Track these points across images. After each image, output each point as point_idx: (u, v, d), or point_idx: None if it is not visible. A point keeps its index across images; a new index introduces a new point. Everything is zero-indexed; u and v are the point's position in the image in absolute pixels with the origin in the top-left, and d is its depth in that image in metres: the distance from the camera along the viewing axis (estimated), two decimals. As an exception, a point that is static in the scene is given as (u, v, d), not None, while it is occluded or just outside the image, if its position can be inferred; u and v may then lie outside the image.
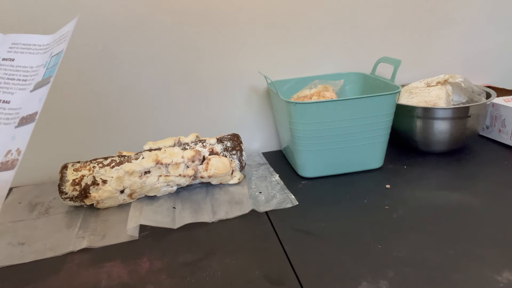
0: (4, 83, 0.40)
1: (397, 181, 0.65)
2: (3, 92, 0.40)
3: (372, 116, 0.64)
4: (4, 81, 0.41)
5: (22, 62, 0.42)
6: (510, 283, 0.41)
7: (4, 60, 0.42)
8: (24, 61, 0.42)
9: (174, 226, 0.56)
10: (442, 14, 0.85)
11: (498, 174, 0.65)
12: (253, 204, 0.60)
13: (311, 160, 0.67)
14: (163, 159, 0.63)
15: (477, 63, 0.91)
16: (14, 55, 0.43)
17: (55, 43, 0.42)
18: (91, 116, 0.74)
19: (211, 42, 0.75)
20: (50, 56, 0.41)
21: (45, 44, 0.43)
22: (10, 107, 0.39)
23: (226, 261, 0.49)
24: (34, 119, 0.37)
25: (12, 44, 0.44)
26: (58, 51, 0.41)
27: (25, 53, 0.43)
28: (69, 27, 0.42)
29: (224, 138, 0.69)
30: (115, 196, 0.62)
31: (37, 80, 0.40)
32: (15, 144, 0.36)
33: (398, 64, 0.68)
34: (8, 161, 0.35)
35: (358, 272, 0.45)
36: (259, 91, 0.81)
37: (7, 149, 0.36)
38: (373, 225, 0.53)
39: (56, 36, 0.43)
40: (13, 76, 0.41)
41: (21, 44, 0.43)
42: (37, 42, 0.44)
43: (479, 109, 0.70)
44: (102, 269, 0.49)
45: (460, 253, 0.47)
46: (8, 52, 0.43)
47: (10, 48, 0.43)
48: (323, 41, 0.81)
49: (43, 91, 0.38)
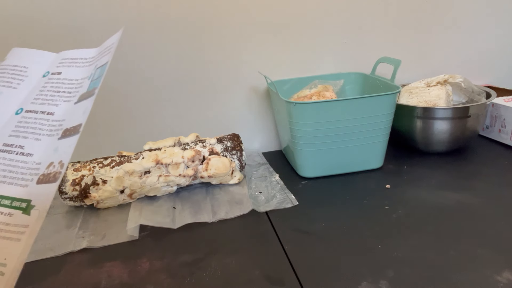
0: (50, 95, 0.41)
1: (397, 181, 0.65)
2: (48, 104, 0.40)
3: (372, 116, 0.64)
4: (50, 94, 0.41)
5: (68, 75, 0.43)
6: (510, 283, 0.41)
7: (53, 74, 0.43)
8: (70, 74, 0.43)
9: (174, 226, 0.56)
10: (442, 14, 0.85)
11: (498, 174, 0.65)
12: (253, 204, 0.60)
13: (311, 160, 0.67)
14: (163, 159, 0.63)
15: (477, 63, 0.91)
16: (62, 69, 0.43)
17: (99, 55, 0.43)
18: (91, 116, 0.74)
19: (211, 42, 0.75)
20: (95, 68, 0.42)
21: (91, 57, 0.44)
22: (53, 119, 0.39)
23: (226, 261, 0.49)
24: (78, 131, 0.36)
25: (62, 59, 0.45)
26: (103, 63, 0.41)
27: (72, 66, 0.44)
28: (114, 39, 0.42)
29: (224, 138, 0.69)
30: (115, 196, 0.62)
31: (82, 92, 0.40)
32: (58, 156, 0.36)
33: (398, 64, 0.68)
34: (50, 173, 0.34)
35: (358, 272, 0.45)
36: (259, 91, 0.81)
37: (49, 161, 0.35)
38: (373, 225, 0.53)
39: (101, 48, 0.43)
40: (58, 89, 0.41)
41: (68, 59, 0.44)
42: (83, 55, 0.44)
43: (479, 109, 0.70)
44: (102, 269, 0.49)
45: (460, 253, 0.47)
46: (57, 67, 0.44)
47: (59, 63, 0.44)
48: (323, 41, 0.81)
49: (87, 103, 0.38)
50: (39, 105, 0.40)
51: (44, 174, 0.35)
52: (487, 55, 0.91)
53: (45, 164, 0.35)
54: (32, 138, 0.38)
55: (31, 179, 0.35)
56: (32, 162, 0.36)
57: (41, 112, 0.40)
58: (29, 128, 0.39)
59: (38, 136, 0.38)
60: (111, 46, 0.41)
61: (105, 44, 0.43)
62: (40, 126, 0.39)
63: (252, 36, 0.77)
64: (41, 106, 0.40)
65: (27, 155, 0.37)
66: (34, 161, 0.36)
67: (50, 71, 0.43)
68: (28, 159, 0.37)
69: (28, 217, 0.33)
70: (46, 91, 0.42)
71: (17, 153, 0.37)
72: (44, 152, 0.37)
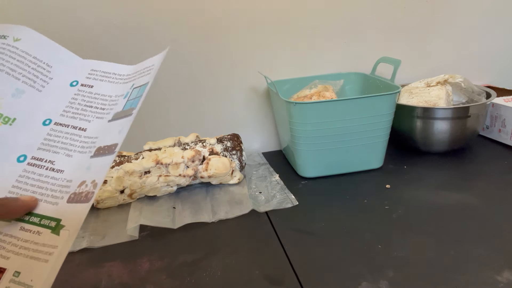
0: (82, 109, 0.39)
1: (397, 181, 0.65)
2: (80, 119, 0.38)
3: (372, 116, 0.64)
4: (81, 108, 0.39)
5: (101, 90, 0.40)
6: (510, 283, 0.41)
7: (83, 86, 0.41)
8: (103, 89, 0.41)
9: (174, 226, 0.56)
10: (442, 14, 0.85)
11: (498, 174, 0.65)
12: (253, 204, 0.60)
13: (311, 160, 0.67)
14: (163, 159, 0.63)
15: (477, 63, 0.91)
16: (93, 82, 0.41)
17: (137, 74, 0.41)
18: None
19: (211, 42, 0.75)
20: (132, 87, 0.40)
21: (126, 75, 0.42)
22: (86, 135, 0.37)
23: (226, 261, 0.49)
24: (114, 152, 0.34)
25: (92, 70, 0.42)
26: (141, 84, 0.39)
27: (104, 81, 0.41)
28: (155, 60, 0.40)
29: (224, 138, 0.69)
30: (115, 196, 0.62)
31: (117, 111, 0.38)
32: (91, 175, 0.34)
33: (398, 64, 0.68)
34: (82, 192, 0.33)
35: (358, 272, 0.45)
36: (259, 91, 0.81)
37: (81, 180, 0.34)
38: (373, 225, 0.53)
39: (139, 67, 0.41)
40: (91, 104, 0.39)
41: (100, 72, 0.42)
42: (117, 71, 0.42)
43: (479, 109, 0.70)
44: (102, 269, 0.49)
45: (460, 253, 0.47)
46: (87, 78, 0.41)
47: (90, 74, 0.42)
48: (323, 41, 0.80)
49: (123, 122, 0.36)
50: (70, 119, 0.38)
51: (75, 193, 0.33)
52: (487, 55, 0.91)
53: (77, 182, 0.34)
54: (63, 154, 0.36)
55: (61, 197, 0.33)
56: (62, 179, 0.34)
57: (73, 127, 0.38)
58: (59, 142, 0.37)
59: (70, 152, 0.36)
60: (151, 68, 0.39)
61: (144, 64, 0.41)
62: (71, 142, 0.37)
63: (252, 36, 0.77)
64: (72, 120, 0.38)
65: (58, 171, 0.35)
66: (65, 178, 0.34)
67: (80, 82, 0.41)
68: (59, 175, 0.35)
69: (57, 237, 0.31)
70: (77, 104, 0.39)
71: (47, 168, 0.35)
72: (75, 169, 0.35)
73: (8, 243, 0.32)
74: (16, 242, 0.32)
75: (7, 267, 0.30)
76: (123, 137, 0.35)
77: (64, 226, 0.31)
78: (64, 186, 0.34)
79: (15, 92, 0.37)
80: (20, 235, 0.32)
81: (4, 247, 0.32)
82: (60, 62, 0.41)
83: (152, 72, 0.39)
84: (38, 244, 0.31)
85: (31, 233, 0.32)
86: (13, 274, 0.30)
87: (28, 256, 0.31)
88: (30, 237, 0.32)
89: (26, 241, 0.31)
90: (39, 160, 0.35)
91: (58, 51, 0.42)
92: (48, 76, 0.40)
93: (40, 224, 0.32)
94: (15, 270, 0.30)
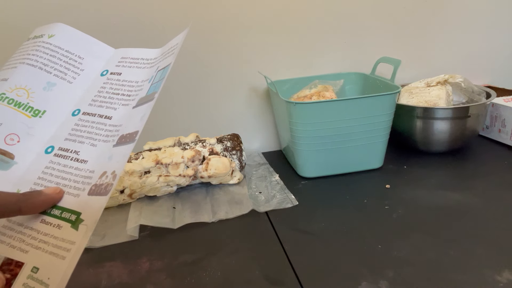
0: (109, 97, 0.38)
1: (397, 181, 0.65)
2: (106, 107, 0.37)
3: (372, 116, 0.64)
4: (109, 96, 0.38)
5: (129, 77, 0.39)
6: (510, 283, 0.41)
7: (112, 74, 0.40)
8: (131, 75, 0.39)
9: (174, 226, 0.56)
10: (442, 14, 0.85)
11: (498, 174, 0.65)
12: (253, 204, 0.60)
13: (311, 160, 0.67)
14: (163, 159, 0.63)
15: (477, 63, 0.91)
16: (122, 69, 0.40)
17: (162, 56, 0.39)
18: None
19: (211, 42, 0.75)
20: (157, 70, 0.38)
21: (153, 58, 0.41)
22: (111, 123, 0.36)
23: (226, 261, 0.49)
24: (134, 139, 0.33)
25: (121, 58, 0.41)
26: (165, 65, 0.38)
27: (133, 67, 0.40)
28: (179, 39, 0.39)
29: (224, 138, 0.69)
30: (115, 196, 0.62)
31: (141, 96, 0.37)
32: (111, 165, 0.32)
33: (398, 64, 0.68)
34: (103, 184, 0.31)
35: (358, 272, 0.45)
36: (259, 91, 0.81)
37: (103, 170, 0.32)
38: (373, 225, 0.53)
39: (165, 49, 0.40)
40: (118, 91, 0.38)
41: (129, 58, 0.41)
42: (145, 56, 0.41)
43: (479, 109, 0.70)
44: (102, 269, 0.49)
45: (460, 253, 0.47)
46: (116, 67, 0.40)
47: (119, 62, 0.41)
48: (323, 41, 0.81)
49: (145, 108, 0.35)
50: (97, 108, 0.37)
51: (96, 185, 0.31)
52: (487, 55, 0.91)
53: (99, 173, 0.32)
54: (88, 144, 0.35)
55: (83, 188, 0.32)
56: (85, 170, 0.33)
57: (99, 116, 0.36)
58: (85, 132, 0.35)
59: (94, 142, 0.35)
60: (175, 47, 0.38)
61: (169, 45, 0.40)
62: (96, 131, 0.35)
63: (252, 36, 0.77)
64: (99, 109, 0.37)
65: (82, 161, 0.34)
66: (88, 168, 0.33)
67: (109, 70, 0.40)
68: (82, 166, 0.33)
69: (76, 233, 0.29)
70: (105, 93, 0.38)
71: (71, 158, 0.34)
72: (98, 159, 0.33)
73: (28, 236, 0.30)
74: (36, 235, 0.30)
75: (25, 261, 0.29)
76: (144, 124, 0.34)
77: (83, 221, 0.30)
78: (86, 177, 0.33)
79: (46, 86, 0.37)
80: (41, 228, 0.31)
81: (24, 240, 0.30)
82: (92, 54, 0.41)
83: (176, 52, 0.38)
84: (57, 239, 0.29)
85: (52, 227, 0.30)
86: (32, 270, 0.28)
87: (47, 251, 0.29)
88: (50, 230, 0.30)
89: (46, 235, 0.30)
90: (65, 150, 0.34)
91: (91, 43, 0.41)
92: (79, 68, 0.39)
93: (61, 217, 0.31)
94: (33, 265, 0.29)
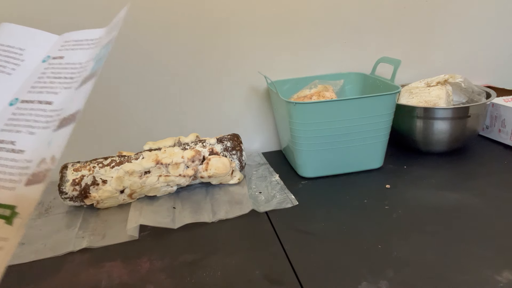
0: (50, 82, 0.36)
1: (397, 181, 0.65)
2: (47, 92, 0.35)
3: (372, 116, 0.64)
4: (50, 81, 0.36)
5: (72, 59, 0.38)
6: (510, 283, 0.41)
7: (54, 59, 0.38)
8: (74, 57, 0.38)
9: (174, 226, 0.56)
10: (442, 14, 0.85)
11: (498, 174, 0.65)
12: (253, 204, 0.60)
13: (311, 160, 0.67)
14: (163, 159, 0.63)
15: (477, 63, 0.91)
16: (64, 53, 0.38)
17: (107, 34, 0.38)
18: (91, 116, 0.74)
19: (211, 42, 0.75)
20: (101, 48, 0.37)
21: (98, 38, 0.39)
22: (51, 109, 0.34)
23: (226, 261, 0.49)
24: (75, 119, 0.32)
25: (64, 42, 0.40)
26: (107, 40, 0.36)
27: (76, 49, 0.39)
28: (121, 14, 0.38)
29: (224, 138, 0.69)
30: (115, 196, 0.62)
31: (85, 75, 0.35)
32: (51, 151, 0.31)
33: (398, 64, 0.68)
34: (41, 172, 0.29)
35: (358, 272, 0.45)
36: (259, 91, 0.81)
37: (41, 157, 0.30)
38: (373, 225, 0.53)
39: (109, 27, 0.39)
40: (59, 75, 0.37)
41: (72, 41, 0.39)
42: (89, 36, 0.39)
43: (479, 109, 0.70)
44: (102, 269, 0.49)
45: (460, 253, 0.47)
46: (59, 51, 0.39)
47: (62, 46, 0.39)
48: (323, 41, 0.81)
49: (88, 86, 0.34)
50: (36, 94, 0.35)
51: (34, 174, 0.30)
52: (487, 55, 0.91)
53: (36, 161, 0.30)
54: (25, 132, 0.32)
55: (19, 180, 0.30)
56: (22, 160, 0.31)
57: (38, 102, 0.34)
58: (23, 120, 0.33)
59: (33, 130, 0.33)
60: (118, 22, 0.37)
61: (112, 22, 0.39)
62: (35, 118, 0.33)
63: (252, 36, 0.77)
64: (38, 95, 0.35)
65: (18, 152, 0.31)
66: (24, 158, 0.31)
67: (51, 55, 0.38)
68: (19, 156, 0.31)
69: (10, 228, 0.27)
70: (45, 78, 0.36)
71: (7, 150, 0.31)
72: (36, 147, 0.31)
73: None
74: None
75: None
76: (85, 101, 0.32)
77: (18, 214, 0.28)
78: (23, 168, 0.31)
79: None
80: None
81: None
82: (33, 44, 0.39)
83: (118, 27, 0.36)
84: None
85: None
86: None
87: None
88: None
89: None
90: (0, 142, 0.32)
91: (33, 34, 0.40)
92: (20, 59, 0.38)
93: None
94: None
